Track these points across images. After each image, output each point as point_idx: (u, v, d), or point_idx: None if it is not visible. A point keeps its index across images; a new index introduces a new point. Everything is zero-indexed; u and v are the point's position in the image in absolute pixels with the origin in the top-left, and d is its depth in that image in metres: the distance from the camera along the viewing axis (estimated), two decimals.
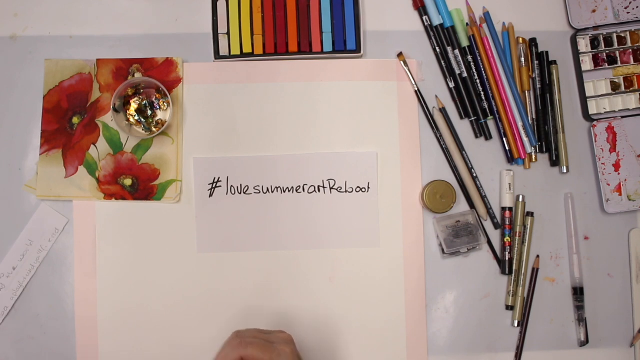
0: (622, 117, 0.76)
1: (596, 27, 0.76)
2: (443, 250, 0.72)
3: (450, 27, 0.76)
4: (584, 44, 0.76)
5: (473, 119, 0.75)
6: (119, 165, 0.73)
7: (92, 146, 0.73)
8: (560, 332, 0.74)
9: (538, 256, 0.75)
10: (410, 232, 0.74)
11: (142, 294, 0.72)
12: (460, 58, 0.75)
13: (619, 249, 0.75)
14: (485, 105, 0.75)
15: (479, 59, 0.75)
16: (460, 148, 0.75)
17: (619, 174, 0.75)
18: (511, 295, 0.73)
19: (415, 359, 0.72)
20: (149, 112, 0.73)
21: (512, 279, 0.74)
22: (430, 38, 0.76)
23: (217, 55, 0.74)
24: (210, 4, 0.74)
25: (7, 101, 0.74)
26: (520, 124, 0.75)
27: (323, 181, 0.74)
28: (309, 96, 0.75)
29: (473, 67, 0.75)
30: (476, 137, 0.76)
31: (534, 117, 0.76)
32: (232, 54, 0.74)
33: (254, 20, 0.74)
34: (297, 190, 0.74)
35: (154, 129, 0.73)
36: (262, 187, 0.74)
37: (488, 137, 0.75)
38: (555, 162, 0.75)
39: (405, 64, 0.75)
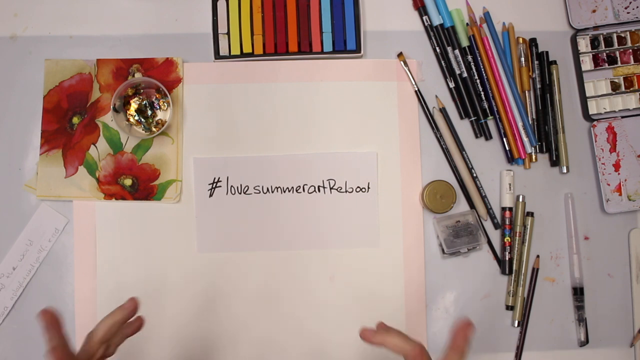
0: (622, 117, 0.76)
1: (596, 27, 0.76)
2: (443, 250, 0.72)
3: (450, 27, 0.76)
4: (584, 44, 0.76)
5: (473, 119, 0.75)
6: (119, 165, 0.73)
7: (92, 146, 0.73)
8: (560, 332, 0.74)
9: (538, 256, 0.75)
10: (410, 232, 0.74)
11: (142, 294, 0.72)
12: (460, 58, 0.75)
13: (619, 249, 0.75)
14: (485, 105, 0.75)
15: (479, 59, 0.75)
16: (460, 148, 0.75)
17: (619, 174, 0.75)
18: (511, 295, 0.73)
19: None
20: (149, 112, 0.73)
21: (512, 279, 0.74)
22: (430, 38, 0.76)
23: (217, 55, 0.74)
24: (210, 4, 0.74)
25: (7, 101, 0.74)
26: (520, 124, 0.74)
27: (323, 181, 0.74)
28: (309, 96, 0.75)
29: (473, 67, 0.75)
30: (476, 137, 0.76)
31: (534, 117, 0.76)
32: (232, 54, 0.74)
33: (254, 20, 0.74)
34: (297, 190, 0.74)
35: (154, 129, 0.73)
36: (262, 187, 0.74)
37: (488, 137, 0.75)
38: (555, 162, 0.75)
39: (405, 64, 0.75)
